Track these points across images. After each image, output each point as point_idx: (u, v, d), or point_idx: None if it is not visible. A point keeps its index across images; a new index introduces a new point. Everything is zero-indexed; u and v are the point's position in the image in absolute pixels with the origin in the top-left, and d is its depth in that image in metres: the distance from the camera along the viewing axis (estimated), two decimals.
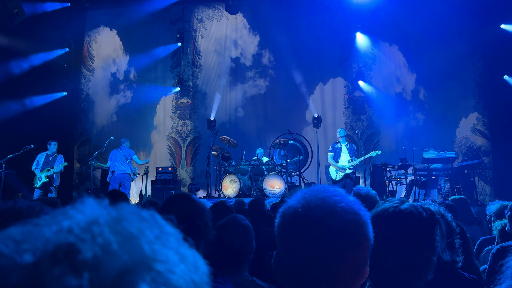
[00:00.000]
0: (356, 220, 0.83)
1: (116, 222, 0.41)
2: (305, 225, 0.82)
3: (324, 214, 0.81)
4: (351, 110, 11.18)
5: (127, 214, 0.43)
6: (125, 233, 0.40)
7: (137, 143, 11.72)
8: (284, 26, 11.31)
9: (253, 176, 8.82)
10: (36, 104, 10.58)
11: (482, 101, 10.46)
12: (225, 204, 3.30)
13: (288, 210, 0.87)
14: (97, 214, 0.42)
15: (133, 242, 0.40)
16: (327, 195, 0.85)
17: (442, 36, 10.37)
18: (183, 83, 11.89)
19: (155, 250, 0.40)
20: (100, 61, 12.34)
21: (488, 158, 10.14)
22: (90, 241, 0.38)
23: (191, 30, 12.09)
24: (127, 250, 0.39)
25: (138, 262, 0.39)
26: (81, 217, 0.41)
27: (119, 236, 0.40)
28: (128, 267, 0.38)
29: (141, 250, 0.40)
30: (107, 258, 0.38)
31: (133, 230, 0.41)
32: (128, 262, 0.38)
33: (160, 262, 0.40)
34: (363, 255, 0.84)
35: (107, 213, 0.43)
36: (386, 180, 9.08)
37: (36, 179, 8.48)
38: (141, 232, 0.41)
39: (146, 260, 0.39)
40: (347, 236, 0.81)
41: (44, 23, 10.28)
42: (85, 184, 11.52)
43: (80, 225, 0.40)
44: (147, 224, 0.43)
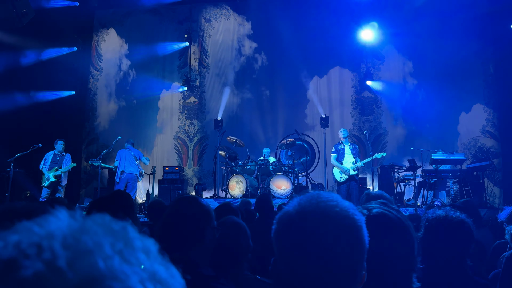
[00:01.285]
0: (351, 225, 0.84)
1: (72, 236, 0.38)
2: (300, 231, 0.83)
3: (318, 220, 0.83)
4: (359, 111, 11.12)
5: (92, 227, 0.40)
6: (79, 248, 0.37)
7: (144, 142, 11.76)
8: (291, 26, 11.27)
9: (260, 176, 8.80)
10: (44, 99, 10.65)
11: (492, 102, 10.34)
12: (230, 205, 3.28)
13: (284, 217, 0.88)
14: (56, 226, 0.39)
15: (86, 257, 0.37)
16: (321, 201, 0.86)
17: (452, 36, 10.26)
18: (190, 83, 11.90)
19: (112, 266, 0.37)
20: (108, 61, 12.40)
21: (498, 160, 10.01)
22: (34, 257, 0.35)
23: (199, 30, 12.10)
24: (77, 266, 0.36)
25: (88, 280, 0.35)
26: (38, 230, 0.38)
27: (70, 251, 0.36)
28: (76, 285, 0.35)
29: (94, 267, 0.36)
30: (51, 276, 0.34)
31: (89, 244, 0.38)
32: (76, 280, 0.35)
33: (117, 280, 0.36)
34: (359, 260, 0.84)
35: (67, 225, 0.40)
36: (394, 181, 9.00)
37: (44, 178, 8.53)
38: (98, 246, 0.38)
39: (100, 278, 0.36)
40: (342, 241, 0.82)
41: (52, 23, 10.35)
42: (93, 183, 11.58)
43: (31, 239, 0.37)
44: (111, 238, 0.40)
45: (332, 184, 9.72)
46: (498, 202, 9.62)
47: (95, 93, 12.36)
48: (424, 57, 10.75)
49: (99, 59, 12.47)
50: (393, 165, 9.06)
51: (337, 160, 8.06)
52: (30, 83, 10.28)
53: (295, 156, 9.14)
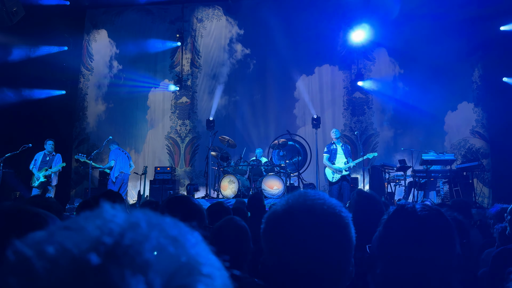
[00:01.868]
0: (338, 221, 0.85)
1: (158, 226, 0.41)
2: (288, 228, 0.84)
3: (306, 217, 0.84)
4: (350, 111, 11.18)
5: (159, 219, 0.43)
6: (172, 237, 0.40)
7: (136, 142, 11.71)
8: (283, 27, 11.29)
9: (252, 176, 8.81)
10: (34, 97, 10.53)
11: (481, 103, 10.47)
12: (222, 205, 3.28)
13: (272, 215, 0.89)
14: (135, 218, 0.41)
15: (181, 245, 0.40)
16: (308, 199, 0.87)
17: (442, 38, 10.37)
18: (182, 83, 11.87)
19: (199, 254, 0.40)
20: (99, 60, 12.31)
21: (487, 160, 10.14)
22: (146, 242, 0.38)
23: (191, 29, 12.07)
24: (180, 253, 0.39)
25: (190, 265, 0.39)
26: (120, 220, 0.40)
27: (169, 239, 0.39)
28: (182, 269, 0.38)
29: (189, 254, 0.39)
30: (166, 260, 0.37)
31: (176, 234, 0.41)
32: (182, 265, 0.38)
33: (206, 265, 0.40)
34: (346, 255, 0.85)
35: (144, 218, 0.42)
36: (385, 181, 9.07)
37: (34, 178, 8.44)
38: (183, 236, 0.41)
39: (195, 264, 0.39)
40: (329, 237, 0.83)
41: (43, 21, 10.25)
42: (83, 183, 11.49)
43: (123, 226, 0.39)
44: (183, 229, 0.43)
45: (323, 184, 9.77)
46: (487, 202, 9.75)
47: (86, 93, 12.26)
48: (414, 58, 10.84)
49: (90, 59, 12.37)
50: (383, 165, 9.13)
51: (329, 161, 8.09)
52: (20, 81, 10.16)
53: (287, 157, 9.16)
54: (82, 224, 0.39)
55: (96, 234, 0.38)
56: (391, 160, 9.82)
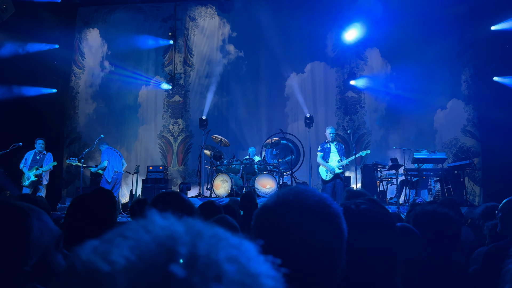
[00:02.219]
0: (329, 213, 0.86)
1: (218, 235, 0.40)
2: (279, 222, 0.84)
3: (297, 209, 0.84)
4: (343, 110, 11.22)
5: (209, 226, 0.42)
6: (236, 246, 0.40)
7: (128, 141, 11.65)
8: (276, 26, 11.31)
9: (245, 175, 8.80)
10: (24, 94, 10.41)
11: (472, 102, 10.56)
12: (213, 203, 3.27)
13: (263, 210, 0.90)
14: (192, 225, 0.40)
15: (247, 255, 0.39)
16: (299, 193, 0.88)
17: (433, 37, 10.45)
18: (174, 82, 11.82)
19: (260, 264, 0.40)
20: (91, 59, 12.21)
21: (478, 159, 10.23)
22: (219, 252, 0.37)
23: (183, 28, 12.02)
24: (248, 263, 0.38)
25: (255, 276, 0.38)
26: (181, 228, 0.39)
27: (236, 249, 0.39)
28: (248, 280, 0.37)
29: (254, 264, 0.39)
30: (239, 272, 0.37)
31: (237, 243, 0.40)
32: (251, 276, 0.37)
33: (267, 277, 0.40)
34: (338, 248, 0.86)
35: (198, 224, 0.41)
36: (377, 180, 9.11)
37: (25, 178, 8.36)
38: (244, 245, 0.41)
39: (259, 276, 0.39)
40: (321, 229, 0.84)
41: (33, 19, 10.14)
42: (75, 182, 11.40)
43: (190, 235, 0.38)
44: (239, 238, 0.43)
45: (316, 183, 9.79)
46: (478, 200, 9.84)
47: (77, 91, 12.16)
48: (406, 57, 10.89)
49: (82, 57, 12.27)
50: (376, 164, 9.17)
51: (323, 159, 8.10)
52: (10, 77, 10.03)
53: (280, 155, 9.17)
54: (143, 232, 0.37)
55: (169, 243, 0.36)
56: (383, 158, 9.86)
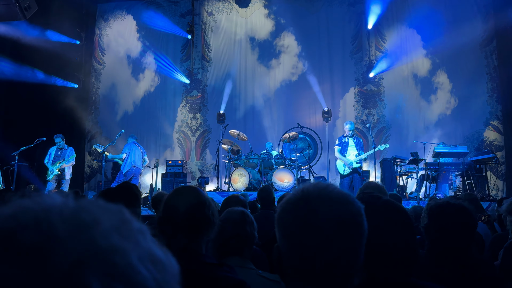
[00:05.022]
0: (353, 209, 0.87)
1: (70, 211, 0.39)
2: (303, 215, 0.85)
3: (322, 203, 0.85)
4: (362, 104, 11.10)
5: (88, 205, 0.41)
6: (77, 222, 0.38)
7: (148, 136, 11.80)
8: (295, 18, 11.26)
9: (263, 169, 8.82)
10: (49, 82, 10.71)
11: (496, 94, 10.29)
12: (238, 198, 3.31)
13: (287, 202, 0.90)
14: (52, 203, 0.40)
15: (85, 231, 0.37)
16: (323, 188, 0.89)
17: (455, 29, 10.19)
18: (192, 77, 11.91)
19: (112, 241, 0.38)
20: (110, 55, 12.40)
21: (501, 153, 9.98)
22: (32, 227, 0.36)
23: (201, 23, 12.07)
24: (76, 239, 0.36)
25: (90, 252, 0.36)
26: (34, 205, 0.39)
27: (68, 225, 0.37)
28: (79, 258, 0.35)
29: (94, 240, 0.37)
30: (51, 246, 0.35)
31: (87, 219, 0.38)
32: (76, 252, 0.35)
33: (117, 254, 0.37)
34: (360, 243, 0.87)
35: (63, 203, 0.40)
36: (396, 174, 9.00)
37: (49, 172, 8.59)
38: (96, 222, 0.38)
39: (101, 252, 0.36)
40: (345, 224, 0.85)
41: (54, 16, 10.35)
42: (96, 176, 11.65)
43: (28, 213, 0.38)
44: (108, 216, 0.40)
45: (334, 177, 9.74)
46: (501, 195, 9.60)
47: (98, 87, 12.39)
48: (427, 51, 10.71)
49: (102, 53, 12.48)
50: (395, 158, 9.05)
51: (340, 153, 8.04)
52: (34, 62, 10.33)
53: (297, 150, 9.15)
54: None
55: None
56: (403, 153, 9.72)
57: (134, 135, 9.35)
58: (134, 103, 12.11)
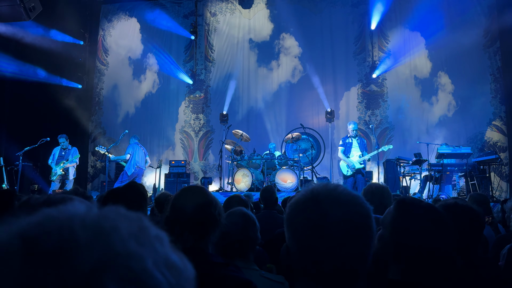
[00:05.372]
0: (362, 211, 0.87)
1: (91, 219, 0.41)
2: (313, 215, 0.85)
3: (332, 204, 0.85)
4: (365, 105, 11.09)
5: (108, 213, 0.43)
6: (97, 230, 0.40)
7: (151, 136, 11.83)
8: (297, 19, 11.26)
9: (266, 170, 8.82)
10: (52, 81, 10.75)
11: (499, 95, 10.26)
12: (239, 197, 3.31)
13: (297, 201, 0.90)
14: (75, 212, 0.42)
15: (104, 238, 0.39)
16: (333, 189, 0.89)
17: (459, 29, 10.17)
18: (196, 77, 11.93)
19: (128, 247, 0.39)
20: (114, 56, 12.44)
21: (505, 154, 9.95)
22: (55, 234, 0.38)
23: (204, 24, 12.10)
24: (95, 245, 0.38)
25: (106, 258, 0.38)
26: (58, 214, 0.41)
27: (89, 232, 0.39)
28: (98, 263, 0.37)
29: (111, 246, 0.39)
30: (71, 252, 0.37)
31: (107, 226, 0.40)
32: (94, 257, 0.37)
33: (133, 260, 0.39)
34: (368, 245, 0.86)
35: (86, 211, 0.42)
36: (400, 175, 8.98)
37: (53, 173, 8.62)
38: (115, 229, 0.40)
39: (117, 257, 0.38)
40: (354, 225, 0.84)
41: (59, 17, 10.40)
42: (100, 177, 11.68)
43: (52, 221, 0.40)
44: (127, 224, 0.42)
45: (337, 178, 9.74)
46: (504, 196, 9.56)
47: (101, 88, 12.43)
48: (430, 52, 10.69)
49: (105, 54, 12.52)
50: (399, 159, 9.03)
51: (344, 154, 8.04)
52: (37, 62, 10.38)
53: (300, 150, 9.15)
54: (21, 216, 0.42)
55: (18, 225, 0.40)
56: (406, 153, 9.71)
57: (136, 135, 9.37)
58: (137, 103, 12.14)
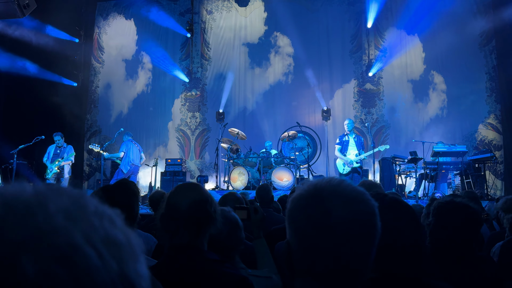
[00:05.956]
0: (366, 209, 0.84)
1: (16, 198, 0.39)
2: (317, 210, 0.82)
3: (336, 201, 0.82)
4: (361, 103, 11.10)
5: (44, 191, 0.41)
6: (21, 208, 0.38)
7: (147, 134, 11.80)
8: (294, 18, 11.24)
9: (262, 168, 8.82)
10: (47, 78, 10.69)
11: (494, 94, 10.30)
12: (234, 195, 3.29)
13: (299, 197, 0.86)
14: (5, 191, 0.40)
15: (28, 216, 0.37)
16: (337, 184, 0.85)
17: (454, 28, 10.20)
18: (192, 75, 11.90)
19: (54, 223, 0.37)
20: (110, 53, 12.39)
21: (500, 152, 10.00)
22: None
23: (200, 21, 12.06)
24: (17, 224, 0.36)
25: (30, 237, 0.36)
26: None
27: (11, 211, 0.37)
28: (17, 242, 0.35)
29: (34, 223, 0.37)
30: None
31: (33, 203, 0.39)
32: (17, 237, 0.36)
33: (59, 235, 0.37)
34: (373, 243, 0.84)
35: (19, 190, 0.40)
36: (395, 173, 9.01)
37: (48, 171, 8.58)
38: (41, 206, 0.38)
39: (40, 235, 0.36)
40: (359, 222, 0.82)
41: (53, 13, 10.34)
42: (95, 175, 11.64)
43: None
44: (61, 200, 0.40)
45: (333, 176, 9.74)
46: (499, 194, 9.62)
47: (97, 85, 12.38)
48: (427, 49, 10.72)
49: (101, 51, 12.46)
50: (394, 157, 9.05)
51: (341, 152, 8.06)
52: (32, 57, 10.33)
53: (296, 149, 9.15)
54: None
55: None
56: (402, 152, 9.74)
57: (129, 132, 9.34)
58: (133, 101, 12.10)
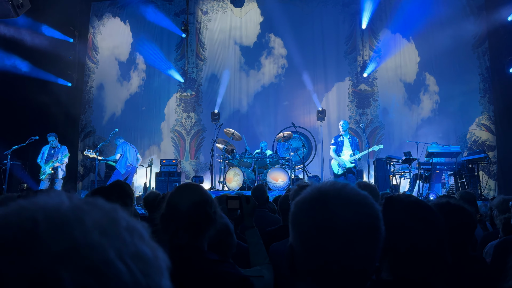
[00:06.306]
0: (370, 213, 0.84)
1: (57, 211, 0.40)
2: (321, 214, 0.82)
3: (341, 204, 0.82)
4: (356, 104, 11.14)
5: (81, 205, 0.42)
6: (60, 221, 0.39)
7: (141, 135, 11.76)
8: (289, 19, 11.26)
9: (257, 169, 8.82)
10: (41, 77, 10.63)
11: (488, 95, 10.38)
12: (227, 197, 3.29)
13: (303, 201, 0.86)
14: (45, 202, 0.41)
15: (66, 230, 0.39)
16: (341, 188, 0.85)
17: (448, 29, 10.27)
18: (187, 76, 11.88)
19: (90, 239, 0.39)
20: (104, 54, 12.34)
21: (493, 153, 10.07)
22: (14, 224, 0.38)
23: (196, 22, 12.05)
24: (54, 236, 0.38)
25: (68, 250, 0.38)
26: (26, 204, 0.41)
27: (51, 224, 0.39)
28: (56, 255, 0.37)
29: (71, 238, 0.38)
30: (28, 242, 0.37)
31: (71, 218, 0.40)
32: (56, 250, 0.37)
33: (93, 251, 0.38)
34: (377, 247, 0.84)
35: (57, 202, 0.42)
36: (389, 174, 9.04)
37: (42, 171, 8.53)
38: (79, 221, 0.40)
39: (77, 249, 0.38)
40: (364, 226, 0.82)
41: (48, 14, 10.28)
42: (90, 175, 11.58)
43: (16, 211, 0.40)
44: (96, 215, 0.42)
45: (328, 176, 9.78)
46: (493, 194, 9.69)
47: (91, 86, 12.32)
48: (420, 50, 10.78)
49: (95, 52, 12.41)
50: (389, 158, 9.09)
51: (335, 153, 8.09)
52: (28, 56, 10.27)
53: (291, 149, 9.17)
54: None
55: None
56: (396, 152, 9.78)
57: (121, 136, 9.31)
58: (127, 102, 12.06)
